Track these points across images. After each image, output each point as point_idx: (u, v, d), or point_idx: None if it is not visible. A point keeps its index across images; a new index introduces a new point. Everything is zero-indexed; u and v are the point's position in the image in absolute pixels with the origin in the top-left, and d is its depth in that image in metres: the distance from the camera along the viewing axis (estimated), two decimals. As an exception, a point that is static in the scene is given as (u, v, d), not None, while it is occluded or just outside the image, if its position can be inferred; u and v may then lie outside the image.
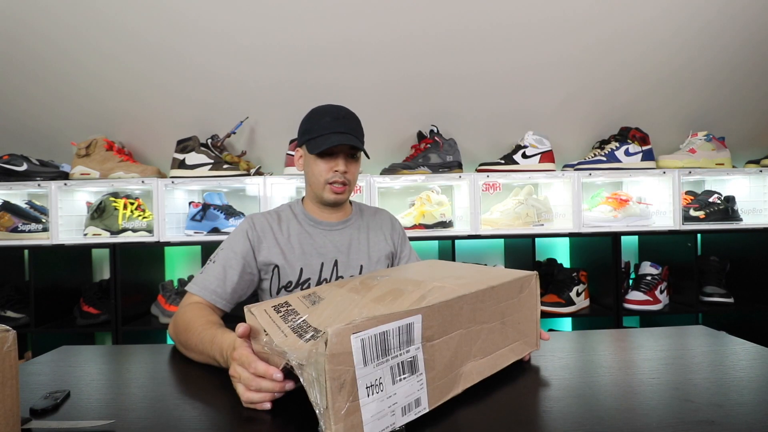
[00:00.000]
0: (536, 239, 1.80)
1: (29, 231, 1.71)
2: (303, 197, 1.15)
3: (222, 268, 0.98)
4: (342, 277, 1.06)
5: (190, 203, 1.76)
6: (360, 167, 1.12)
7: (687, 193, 1.91)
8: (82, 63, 1.73)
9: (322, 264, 1.05)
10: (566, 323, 1.99)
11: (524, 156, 1.79)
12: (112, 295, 1.67)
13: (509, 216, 1.78)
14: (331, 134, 0.99)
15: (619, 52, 1.78)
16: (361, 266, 1.08)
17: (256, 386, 0.58)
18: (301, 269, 1.04)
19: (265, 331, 0.57)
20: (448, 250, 1.75)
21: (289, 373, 0.56)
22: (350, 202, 1.19)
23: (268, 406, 0.58)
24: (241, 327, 0.62)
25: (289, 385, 0.58)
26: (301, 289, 1.04)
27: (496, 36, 1.71)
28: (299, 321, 0.58)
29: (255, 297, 1.10)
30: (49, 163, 1.76)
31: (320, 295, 0.67)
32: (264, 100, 1.84)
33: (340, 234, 1.10)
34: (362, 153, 1.06)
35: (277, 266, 1.03)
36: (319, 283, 1.05)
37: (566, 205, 1.82)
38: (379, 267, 1.09)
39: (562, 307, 1.75)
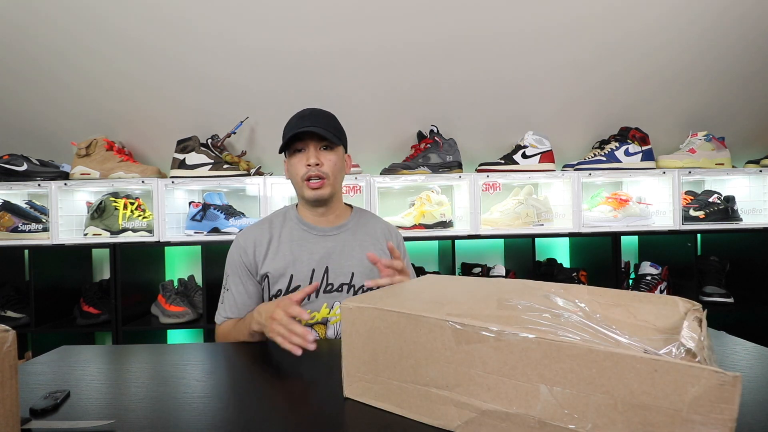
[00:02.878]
0: (536, 239, 1.80)
1: (29, 231, 1.71)
2: (297, 203, 1.15)
3: (233, 297, 1.07)
4: (332, 285, 1.04)
5: (190, 203, 1.76)
6: (344, 163, 1.10)
7: (687, 193, 1.91)
8: (83, 63, 1.73)
9: (313, 270, 1.04)
10: (566, 323, 1.98)
11: (524, 156, 1.79)
12: (112, 295, 1.67)
13: (509, 216, 1.78)
14: (296, 131, 1.02)
15: (618, 52, 1.78)
16: (353, 274, 1.06)
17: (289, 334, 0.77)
18: (291, 276, 1.03)
19: None
20: (448, 250, 1.75)
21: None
22: (351, 207, 1.17)
23: (298, 352, 0.74)
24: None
25: (311, 345, 0.74)
26: None
27: (496, 36, 1.71)
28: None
29: None
30: (49, 163, 1.76)
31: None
32: (264, 101, 1.84)
33: (333, 240, 1.08)
34: (344, 147, 1.09)
35: (267, 275, 1.04)
36: None
37: (566, 205, 1.82)
38: (374, 276, 1.04)
39: (562, 307, 1.74)
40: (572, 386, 0.44)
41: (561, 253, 2.12)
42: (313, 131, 1.00)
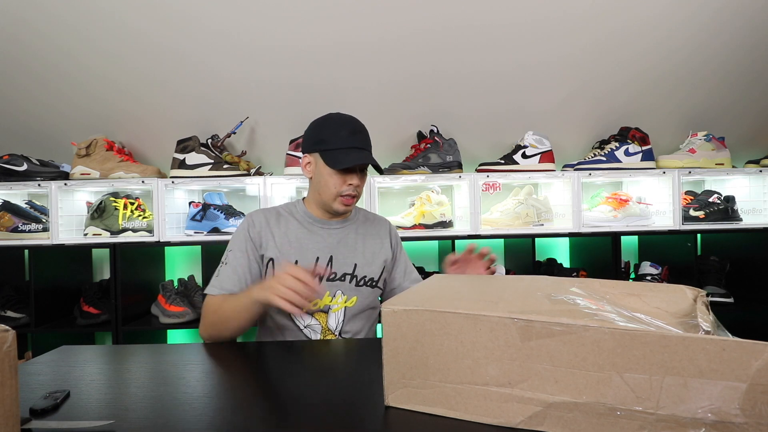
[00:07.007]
0: (536, 239, 1.80)
1: (29, 231, 1.71)
2: (304, 197, 1.18)
3: (233, 269, 1.04)
4: (335, 273, 1.08)
5: (190, 203, 1.75)
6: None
7: (687, 193, 1.91)
8: (83, 62, 1.72)
9: (318, 258, 1.08)
10: (566, 323, 1.98)
11: (524, 156, 1.79)
12: (112, 295, 1.67)
13: (509, 216, 1.78)
14: (350, 150, 1.04)
15: (618, 51, 1.78)
16: (355, 264, 1.11)
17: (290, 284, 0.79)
18: (296, 262, 1.07)
19: None
20: (448, 250, 1.75)
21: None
22: None
23: (297, 311, 0.79)
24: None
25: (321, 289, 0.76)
26: None
27: (496, 36, 1.71)
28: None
29: None
30: (49, 163, 1.76)
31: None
32: (264, 100, 1.84)
33: (337, 232, 1.13)
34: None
35: (272, 259, 1.07)
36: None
37: (566, 205, 1.82)
38: (374, 269, 1.13)
39: (562, 307, 1.74)
40: (644, 371, 0.46)
41: (561, 253, 2.12)
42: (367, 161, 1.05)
